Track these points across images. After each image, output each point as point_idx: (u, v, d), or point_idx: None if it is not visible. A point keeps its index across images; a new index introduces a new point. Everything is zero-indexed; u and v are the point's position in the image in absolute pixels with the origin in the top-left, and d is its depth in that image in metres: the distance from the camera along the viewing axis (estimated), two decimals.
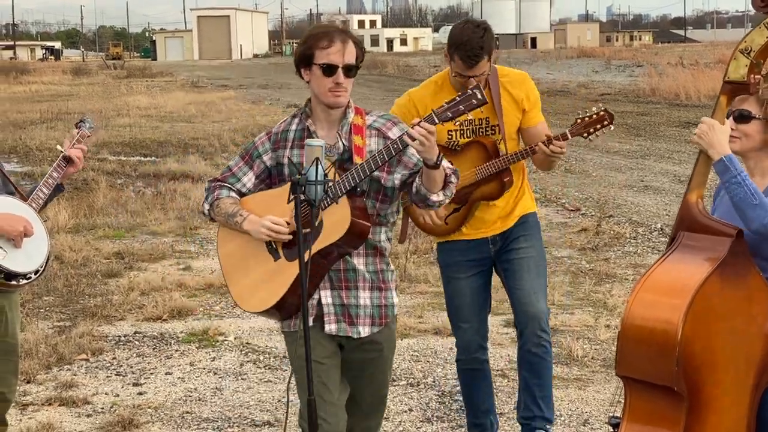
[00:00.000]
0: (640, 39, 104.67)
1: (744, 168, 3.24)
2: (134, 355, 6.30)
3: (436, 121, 3.31)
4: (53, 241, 9.34)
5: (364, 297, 3.52)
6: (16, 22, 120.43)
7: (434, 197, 3.41)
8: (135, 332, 6.75)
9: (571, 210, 11.03)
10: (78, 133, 4.23)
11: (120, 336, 6.67)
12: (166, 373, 5.96)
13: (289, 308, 3.48)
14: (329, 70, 3.39)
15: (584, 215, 10.67)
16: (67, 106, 27.29)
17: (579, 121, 4.37)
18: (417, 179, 3.43)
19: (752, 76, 3.22)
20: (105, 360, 6.19)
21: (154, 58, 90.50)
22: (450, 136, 4.38)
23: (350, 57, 3.42)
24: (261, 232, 3.41)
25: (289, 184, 3.29)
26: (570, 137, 4.34)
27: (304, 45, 3.44)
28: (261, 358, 6.20)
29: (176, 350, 6.38)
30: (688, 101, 24.53)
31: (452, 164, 3.54)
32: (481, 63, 4.15)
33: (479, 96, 3.31)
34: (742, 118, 3.29)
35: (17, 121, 23.07)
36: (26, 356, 6.03)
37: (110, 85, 41.02)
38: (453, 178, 3.45)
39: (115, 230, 10.14)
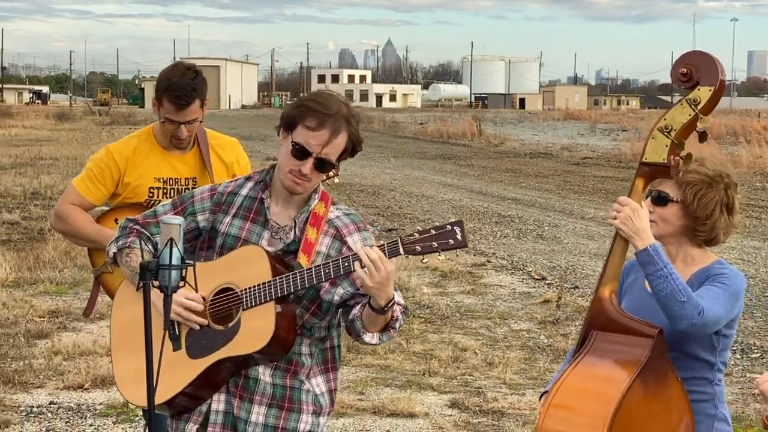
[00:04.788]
0: (627, 103, 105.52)
1: (665, 254, 2.88)
2: (43, 429, 5.81)
3: (401, 251, 2.74)
4: None
5: (258, 413, 2.91)
6: (5, 65, 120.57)
7: (367, 338, 2.85)
8: (50, 402, 6.25)
9: (537, 279, 10.62)
10: None
11: (33, 406, 6.17)
12: None
13: (176, 408, 2.94)
14: (300, 153, 2.84)
15: (549, 285, 10.26)
16: (40, 151, 26.88)
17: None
18: (357, 309, 2.86)
19: (672, 157, 2.84)
20: None
21: (142, 106, 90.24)
22: (151, 194, 4.04)
23: (331, 151, 2.85)
24: (177, 313, 2.83)
25: (221, 258, 2.88)
26: None
27: (295, 109, 2.89)
28: None
29: (90, 425, 5.89)
30: None
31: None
32: (192, 107, 3.90)
33: (459, 237, 2.74)
34: (661, 200, 2.94)
35: None
36: None
37: (92, 131, 40.69)
38: (397, 324, 2.85)
39: (57, 285, 9.66)
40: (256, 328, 2.80)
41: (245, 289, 2.84)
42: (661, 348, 2.76)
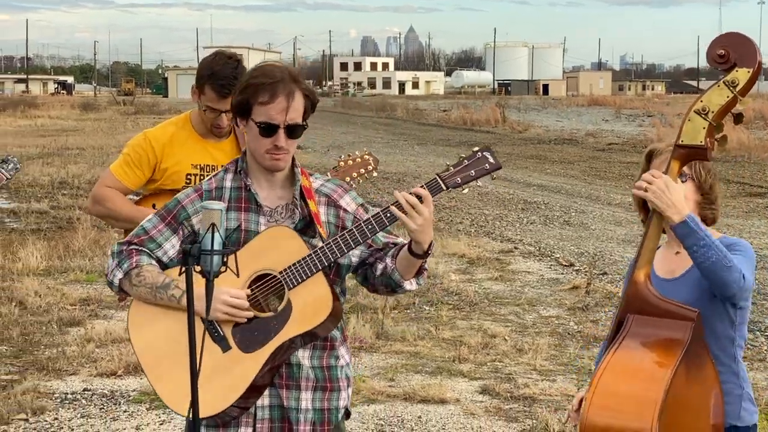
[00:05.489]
0: (652, 89, 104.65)
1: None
2: (78, 415, 5.86)
3: (443, 187, 2.82)
4: (19, 285, 8.97)
5: (306, 399, 2.92)
6: (30, 56, 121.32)
7: (407, 285, 2.90)
8: (84, 389, 6.31)
9: (565, 265, 10.59)
10: None
11: (67, 393, 6.23)
12: None
13: (230, 413, 2.86)
14: (268, 130, 2.84)
15: (578, 271, 10.22)
16: (67, 141, 27.06)
17: (342, 164, 4.17)
18: (389, 261, 2.90)
19: (709, 139, 2.83)
20: (45, 421, 5.75)
21: (166, 95, 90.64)
22: (188, 181, 4.04)
23: (295, 114, 2.87)
24: (217, 309, 2.77)
25: (243, 249, 2.84)
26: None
27: (243, 93, 2.88)
28: None
29: (124, 411, 5.94)
30: None
31: None
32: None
33: (492, 160, 2.84)
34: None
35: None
36: None
37: (117, 121, 40.90)
38: (426, 265, 2.94)
39: (87, 274, 9.73)
40: (312, 301, 2.80)
41: (284, 270, 2.82)
42: (699, 331, 2.76)
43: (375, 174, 4.17)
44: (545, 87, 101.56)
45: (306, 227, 2.91)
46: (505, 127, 37.33)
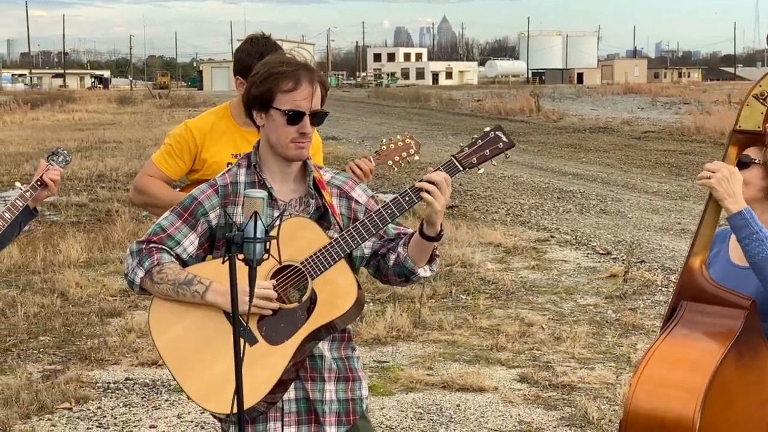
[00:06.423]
0: (688, 76, 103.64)
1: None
2: (121, 404, 5.94)
3: (460, 168, 2.89)
4: (60, 276, 9.09)
5: (330, 390, 2.92)
6: (67, 51, 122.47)
7: (422, 272, 2.90)
8: (126, 378, 6.40)
9: (602, 254, 10.54)
10: (47, 168, 3.93)
11: (110, 382, 6.32)
12: (150, 427, 5.59)
13: (258, 408, 2.82)
14: (295, 118, 2.83)
15: (615, 260, 10.17)
16: (104, 134, 27.31)
17: (384, 147, 4.19)
18: (401, 250, 2.89)
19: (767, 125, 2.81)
20: (89, 410, 5.84)
21: (201, 88, 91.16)
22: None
23: (317, 102, 2.88)
24: (245, 302, 2.63)
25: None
26: (373, 163, 4.16)
27: (263, 84, 2.84)
28: None
29: (166, 400, 6.02)
30: None
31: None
32: None
33: (505, 139, 2.91)
34: (743, 164, 2.90)
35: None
36: (5, 404, 5.71)
37: (153, 114, 41.19)
38: (437, 251, 2.95)
39: None
40: (336, 289, 2.80)
41: (306, 260, 2.81)
42: (754, 319, 2.71)
43: (417, 158, 4.16)
44: (580, 75, 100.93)
45: (319, 219, 2.90)
46: (539, 116, 37.10)
